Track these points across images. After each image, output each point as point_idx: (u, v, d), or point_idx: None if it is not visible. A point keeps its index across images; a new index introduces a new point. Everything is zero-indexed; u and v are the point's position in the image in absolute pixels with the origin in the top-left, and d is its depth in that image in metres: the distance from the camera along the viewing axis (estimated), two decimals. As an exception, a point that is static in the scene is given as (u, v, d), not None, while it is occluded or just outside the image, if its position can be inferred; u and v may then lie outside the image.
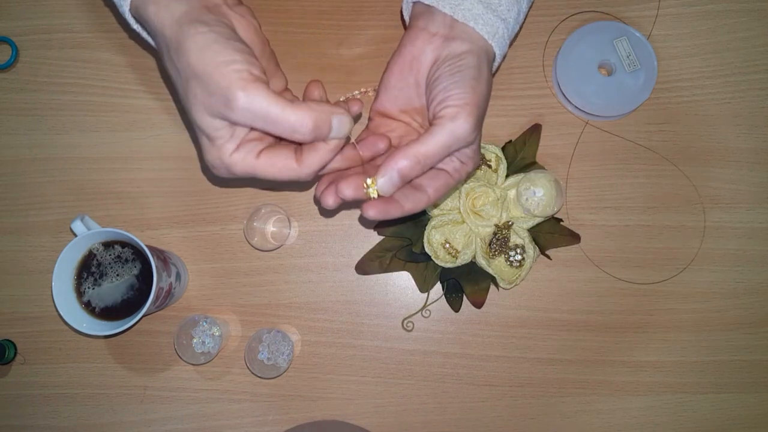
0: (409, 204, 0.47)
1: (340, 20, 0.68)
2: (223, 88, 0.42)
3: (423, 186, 0.48)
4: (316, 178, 0.48)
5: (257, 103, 0.42)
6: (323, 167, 0.47)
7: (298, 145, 0.46)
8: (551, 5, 0.68)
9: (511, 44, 0.52)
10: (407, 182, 0.47)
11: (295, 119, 0.42)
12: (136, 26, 0.50)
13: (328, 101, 0.49)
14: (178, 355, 0.64)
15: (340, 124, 0.45)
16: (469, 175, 0.50)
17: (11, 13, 0.68)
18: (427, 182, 0.48)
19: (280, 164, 0.45)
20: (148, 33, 0.49)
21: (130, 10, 0.48)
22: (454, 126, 0.45)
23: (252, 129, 0.46)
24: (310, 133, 0.43)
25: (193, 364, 0.66)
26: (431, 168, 0.47)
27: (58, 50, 0.68)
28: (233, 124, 0.44)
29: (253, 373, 0.64)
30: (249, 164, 0.45)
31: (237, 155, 0.45)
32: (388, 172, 0.45)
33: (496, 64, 0.51)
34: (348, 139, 0.47)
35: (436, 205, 0.64)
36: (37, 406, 0.66)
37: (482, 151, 0.64)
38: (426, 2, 0.49)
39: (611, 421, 0.66)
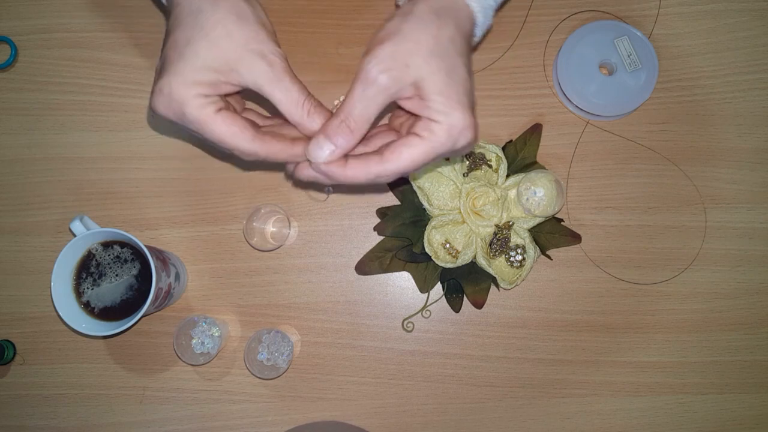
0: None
1: (340, 20, 0.68)
2: (268, 44, 0.43)
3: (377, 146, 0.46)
4: (255, 159, 0.46)
5: (290, 72, 0.44)
6: (270, 157, 0.45)
7: (256, 125, 0.46)
8: (552, 5, 0.68)
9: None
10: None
11: (310, 101, 0.45)
12: None
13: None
14: (178, 355, 0.63)
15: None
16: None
17: (11, 13, 0.68)
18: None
19: (236, 128, 0.43)
20: None
21: None
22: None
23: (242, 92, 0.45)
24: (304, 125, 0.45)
25: (192, 365, 0.66)
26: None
27: (57, 50, 0.68)
28: (226, 83, 0.43)
29: (252, 374, 0.64)
30: (205, 115, 0.43)
31: (199, 100, 0.42)
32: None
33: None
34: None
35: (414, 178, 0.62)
36: (36, 406, 0.66)
37: (483, 150, 0.64)
38: None
39: (612, 421, 0.66)
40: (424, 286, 0.65)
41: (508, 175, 0.64)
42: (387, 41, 0.43)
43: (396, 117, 0.50)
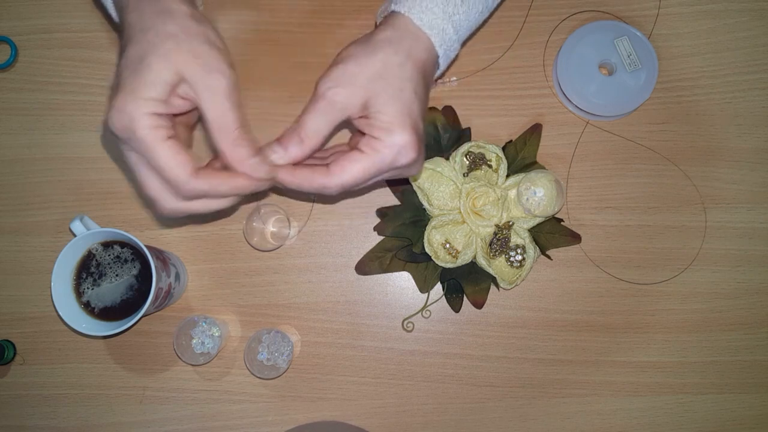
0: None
1: (340, 20, 0.68)
2: (219, 62, 0.43)
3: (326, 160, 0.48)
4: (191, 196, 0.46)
5: (235, 95, 0.44)
6: (209, 194, 0.45)
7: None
8: (552, 5, 0.68)
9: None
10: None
11: (244, 129, 0.45)
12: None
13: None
14: (178, 355, 0.63)
15: (259, 164, 0.46)
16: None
17: (11, 13, 0.68)
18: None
19: (181, 159, 0.43)
20: None
21: None
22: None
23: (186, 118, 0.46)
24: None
25: (192, 365, 0.66)
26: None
27: (57, 50, 0.68)
28: (179, 97, 0.44)
29: (252, 374, 0.64)
30: (153, 138, 0.43)
31: (151, 120, 0.42)
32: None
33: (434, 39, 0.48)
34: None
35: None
36: (36, 406, 0.66)
37: (483, 150, 0.64)
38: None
39: (612, 421, 0.66)
40: (424, 286, 0.65)
41: (508, 175, 0.64)
42: (340, 63, 0.46)
43: (354, 137, 0.52)
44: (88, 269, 0.60)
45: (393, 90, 0.45)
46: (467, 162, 0.64)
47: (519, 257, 0.63)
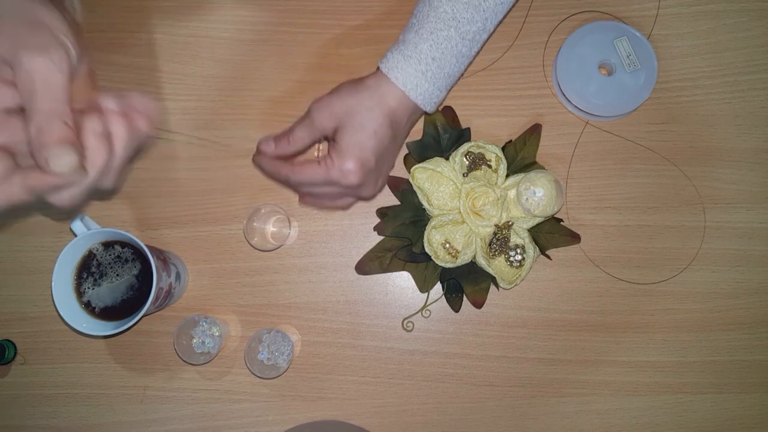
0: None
1: (340, 20, 0.68)
2: (45, 36, 0.38)
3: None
4: None
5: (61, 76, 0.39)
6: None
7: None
8: (551, 5, 0.68)
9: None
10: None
11: (58, 114, 0.39)
12: None
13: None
14: (178, 355, 0.64)
15: (60, 155, 0.38)
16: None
17: (11, 13, 0.68)
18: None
19: None
20: None
21: None
22: None
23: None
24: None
25: (192, 365, 0.66)
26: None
27: (57, 50, 0.68)
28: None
29: (252, 374, 0.64)
30: None
31: None
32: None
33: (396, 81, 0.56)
34: None
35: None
36: (36, 406, 0.66)
37: (482, 150, 0.64)
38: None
39: (611, 421, 0.66)
40: (424, 286, 0.65)
41: (507, 175, 0.65)
42: (332, 94, 0.57)
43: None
44: (88, 269, 0.60)
45: (356, 126, 0.55)
46: (467, 162, 0.64)
47: (518, 257, 0.63)
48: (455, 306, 0.65)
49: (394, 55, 0.56)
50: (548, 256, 0.66)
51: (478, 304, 0.65)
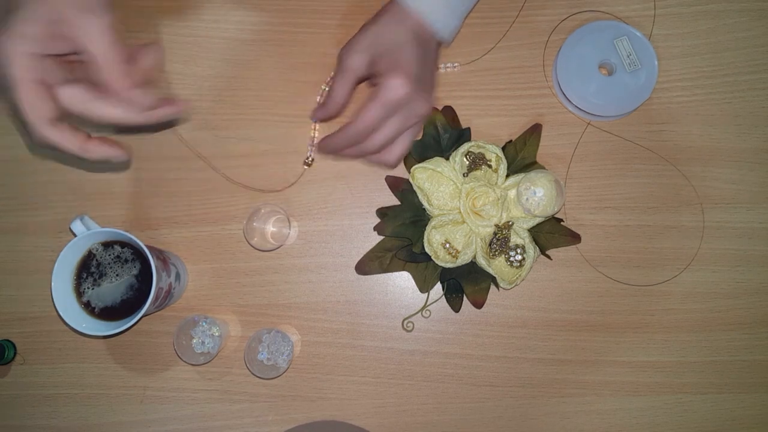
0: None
1: (340, 20, 0.68)
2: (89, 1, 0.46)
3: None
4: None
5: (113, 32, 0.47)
6: (61, 146, 0.48)
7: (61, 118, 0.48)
8: (551, 5, 0.68)
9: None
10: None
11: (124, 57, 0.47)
12: None
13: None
14: (178, 355, 0.64)
15: (144, 93, 0.49)
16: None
17: (11, 13, 0.68)
18: None
19: (39, 106, 0.46)
20: None
21: None
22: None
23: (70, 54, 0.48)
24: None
25: (192, 365, 0.66)
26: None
27: (57, 50, 0.68)
28: (61, 34, 0.46)
29: (252, 374, 0.64)
30: (24, 79, 0.45)
31: (25, 61, 0.45)
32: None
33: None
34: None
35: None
36: (36, 406, 0.66)
37: (483, 150, 0.64)
38: None
39: (612, 421, 0.66)
40: (424, 286, 0.65)
41: (507, 175, 0.65)
42: (352, 37, 0.59)
43: None
44: (88, 269, 0.60)
45: (386, 47, 0.57)
46: (467, 162, 0.64)
47: (519, 257, 0.63)
48: (455, 306, 0.65)
49: None
50: (548, 256, 0.66)
51: (478, 304, 0.65)
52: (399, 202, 0.66)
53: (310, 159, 0.66)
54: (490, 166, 0.65)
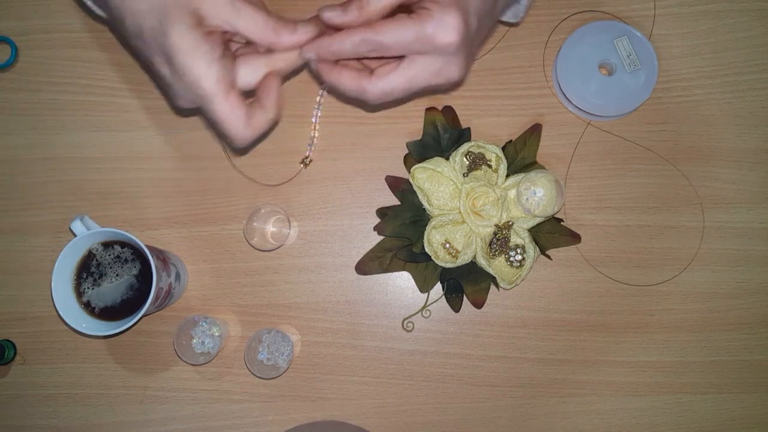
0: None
1: (340, 20, 0.68)
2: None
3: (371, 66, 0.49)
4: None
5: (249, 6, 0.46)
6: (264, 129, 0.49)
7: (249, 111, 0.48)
8: (551, 5, 0.68)
9: None
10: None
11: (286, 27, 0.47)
12: None
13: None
14: (178, 355, 0.64)
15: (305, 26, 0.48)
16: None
17: (11, 13, 0.68)
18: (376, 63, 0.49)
19: (237, 114, 0.47)
20: None
21: None
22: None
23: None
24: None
25: (192, 365, 0.66)
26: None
27: (57, 50, 0.68)
28: (210, 32, 0.46)
29: (252, 374, 0.64)
30: (221, 90, 0.46)
31: (214, 70, 0.45)
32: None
33: None
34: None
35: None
36: (36, 406, 0.66)
37: (483, 150, 0.64)
38: None
39: (612, 421, 0.66)
40: (424, 286, 0.65)
41: (507, 175, 0.65)
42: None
43: None
44: (88, 269, 0.60)
45: None
46: (467, 162, 0.64)
47: (519, 257, 0.63)
48: (455, 306, 0.65)
49: None
50: (548, 256, 0.66)
51: (478, 304, 0.65)
52: (399, 202, 0.66)
53: (308, 159, 0.67)
54: (490, 166, 0.65)
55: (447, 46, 0.45)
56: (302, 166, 0.67)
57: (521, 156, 0.66)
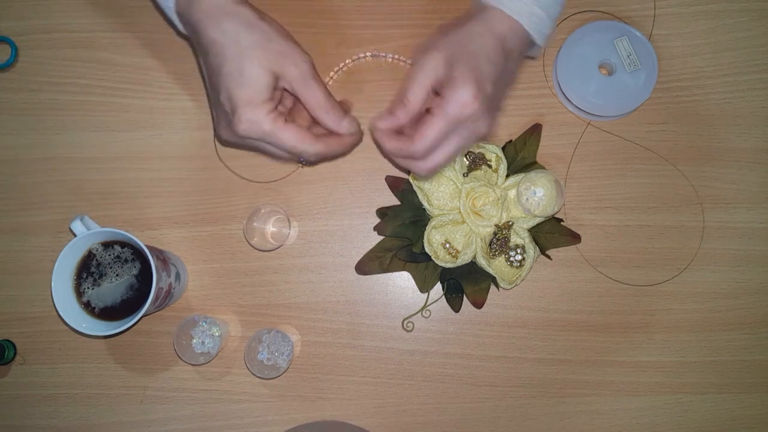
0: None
1: (340, 20, 0.68)
2: (296, 53, 0.53)
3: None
4: (318, 157, 0.55)
5: (317, 76, 0.54)
6: (330, 152, 0.55)
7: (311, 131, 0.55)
8: (551, 5, 0.68)
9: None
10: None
11: (331, 101, 0.54)
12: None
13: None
14: (178, 355, 0.64)
15: (351, 122, 0.55)
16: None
17: (11, 13, 0.68)
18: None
19: (302, 134, 0.53)
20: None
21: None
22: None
23: (293, 97, 0.56)
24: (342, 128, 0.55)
25: (192, 365, 0.66)
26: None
27: (57, 50, 0.68)
28: (280, 87, 0.53)
29: (252, 374, 0.64)
30: (279, 128, 0.52)
31: (272, 115, 0.52)
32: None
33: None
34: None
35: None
36: (36, 406, 0.66)
37: (482, 150, 0.64)
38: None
39: (612, 421, 0.66)
40: (424, 286, 0.65)
41: (507, 175, 0.65)
42: (432, 36, 0.55)
43: None
44: (88, 269, 0.60)
45: (467, 53, 0.52)
46: (467, 162, 0.64)
47: (519, 257, 0.63)
48: (455, 306, 0.65)
49: None
50: (548, 256, 0.66)
51: (478, 304, 0.65)
52: (399, 202, 0.66)
53: (305, 161, 0.66)
54: (490, 166, 0.65)
55: (469, 116, 0.51)
56: (299, 165, 0.67)
57: (521, 156, 0.66)
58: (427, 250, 0.63)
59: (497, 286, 0.65)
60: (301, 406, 0.66)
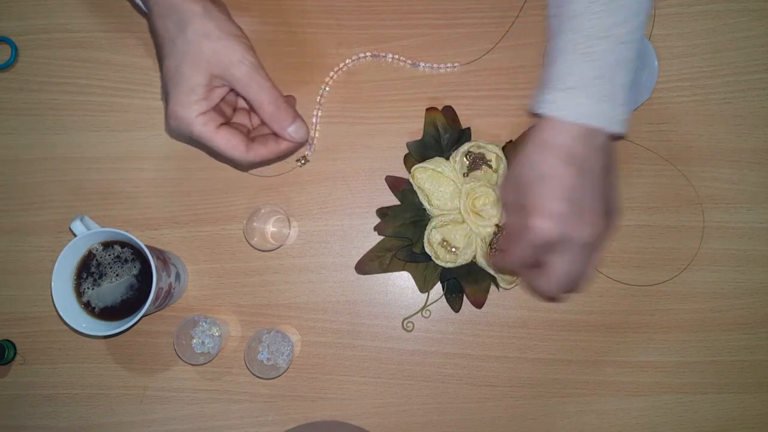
0: None
1: (340, 20, 0.68)
2: (235, 52, 0.51)
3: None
4: (251, 165, 0.56)
5: (259, 75, 0.52)
6: (263, 161, 0.55)
7: (248, 135, 0.55)
8: (551, 5, 0.68)
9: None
10: None
11: (277, 103, 0.53)
12: None
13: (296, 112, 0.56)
14: (178, 355, 0.64)
15: (297, 129, 0.54)
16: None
17: (11, 13, 0.68)
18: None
19: (234, 142, 0.53)
20: None
21: None
22: None
23: (228, 96, 0.55)
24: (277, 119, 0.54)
25: (192, 365, 0.66)
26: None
27: (57, 50, 0.68)
28: (215, 87, 0.52)
29: (252, 374, 0.64)
30: (208, 132, 0.52)
31: (201, 118, 0.52)
32: None
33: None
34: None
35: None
36: (36, 406, 0.66)
37: (482, 150, 0.64)
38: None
39: (612, 421, 0.66)
40: (424, 286, 0.65)
41: (507, 175, 0.65)
42: (508, 173, 0.55)
43: None
44: (88, 269, 0.60)
45: (529, 184, 0.51)
46: (467, 162, 0.64)
47: (519, 257, 0.63)
48: (455, 306, 0.65)
49: (552, 95, 0.51)
50: (548, 256, 0.65)
51: (479, 304, 0.65)
52: (399, 202, 0.66)
53: (303, 160, 0.66)
54: (490, 166, 0.65)
55: (553, 239, 0.50)
56: (298, 164, 0.67)
57: (521, 156, 0.65)
58: (427, 250, 0.63)
59: (497, 286, 0.65)
60: (301, 406, 0.66)
